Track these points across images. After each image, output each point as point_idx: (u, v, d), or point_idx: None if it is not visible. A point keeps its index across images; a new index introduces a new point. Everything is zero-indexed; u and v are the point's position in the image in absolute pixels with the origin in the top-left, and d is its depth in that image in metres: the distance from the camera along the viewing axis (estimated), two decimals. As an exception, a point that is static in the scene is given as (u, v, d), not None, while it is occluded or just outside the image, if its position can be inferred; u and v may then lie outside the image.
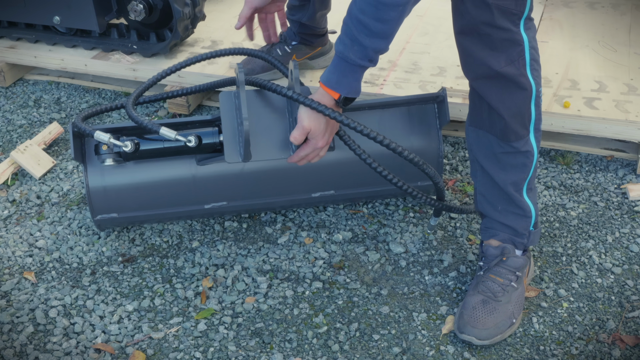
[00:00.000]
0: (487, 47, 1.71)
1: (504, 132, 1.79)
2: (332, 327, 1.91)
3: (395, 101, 2.12)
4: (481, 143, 1.86)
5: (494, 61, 1.72)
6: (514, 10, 1.68)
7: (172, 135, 1.84)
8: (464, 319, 1.82)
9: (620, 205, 2.25)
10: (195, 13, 2.76)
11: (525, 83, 1.75)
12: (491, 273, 1.87)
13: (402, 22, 1.62)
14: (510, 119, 1.78)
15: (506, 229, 1.90)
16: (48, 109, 2.87)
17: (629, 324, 1.88)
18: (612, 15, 2.98)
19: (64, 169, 2.53)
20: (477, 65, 1.75)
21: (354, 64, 1.66)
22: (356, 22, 1.61)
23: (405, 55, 2.74)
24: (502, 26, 1.68)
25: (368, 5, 1.58)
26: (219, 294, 2.02)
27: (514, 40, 1.71)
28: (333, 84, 1.70)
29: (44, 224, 2.29)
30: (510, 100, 1.77)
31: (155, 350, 1.87)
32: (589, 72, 2.58)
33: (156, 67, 2.76)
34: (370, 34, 1.61)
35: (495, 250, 1.90)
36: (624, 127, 2.32)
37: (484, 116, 1.82)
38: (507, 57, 1.71)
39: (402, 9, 1.58)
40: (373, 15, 1.59)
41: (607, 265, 2.04)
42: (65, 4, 2.77)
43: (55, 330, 1.93)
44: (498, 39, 1.70)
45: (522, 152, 1.82)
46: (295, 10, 2.51)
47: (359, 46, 1.63)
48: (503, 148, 1.82)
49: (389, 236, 2.17)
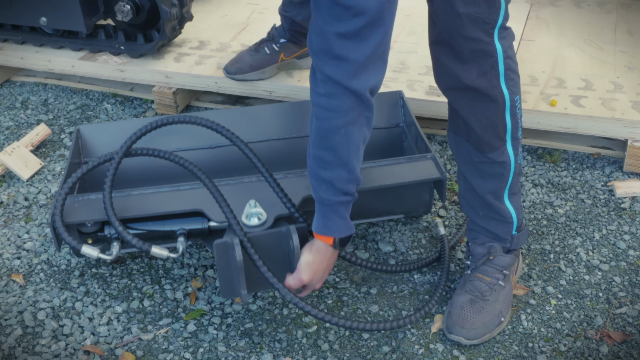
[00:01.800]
0: (457, 58, 1.67)
1: (478, 143, 1.77)
2: (321, 326, 1.91)
3: (395, 184, 2.03)
4: (460, 149, 1.84)
5: (465, 74, 1.68)
6: (486, 19, 1.62)
7: (165, 254, 1.82)
8: (452, 319, 1.82)
9: (607, 203, 2.26)
10: (183, 13, 2.75)
11: (497, 95, 1.70)
12: (478, 272, 1.88)
13: (354, 146, 1.59)
14: (482, 131, 1.75)
15: (488, 234, 1.90)
16: (35, 111, 2.86)
17: (616, 321, 1.89)
18: (598, 13, 3.00)
19: (51, 170, 2.52)
20: (448, 77, 1.72)
21: (332, 203, 1.64)
22: (313, 158, 1.62)
23: (392, 54, 2.74)
24: (473, 37, 1.63)
25: (315, 137, 1.58)
26: (208, 294, 2.02)
27: (486, 51, 1.66)
28: (322, 229, 1.69)
29: (32, 226, 2.28)
30: (482, 113, 1.73)
31: (144, 351, 1.87)
32: (575, 71, 2.60)
33: (144, 67, 2.75)
34: (329, 166, 1.60)
35: (482, 249, 1.90)
36: (611, 124, 2.34)
37: (460, 124, 1.80)
38: (479, 69, 1.67)
39: (344, 132, 1.55)
40: (321, 144, 1.58)
41: (595, 262, 2.05)
42: (52, 5, 2.76)
43: (44, 333, 1.92)
44: (469, 50, 1.65)
45: (498, 163, 1.79)
46: (290, 7, 2.48)
47: (325, 184, 1.62)
48: (479, 158, 1.80)
49: (378, 235, 2.18)
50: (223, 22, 3.05)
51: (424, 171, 2.02)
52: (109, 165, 1.87)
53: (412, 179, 2.00)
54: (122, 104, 2.87)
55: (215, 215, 1.88)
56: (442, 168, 2.01)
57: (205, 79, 2.68)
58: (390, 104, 2.32)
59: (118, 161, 1.86)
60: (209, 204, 1.87)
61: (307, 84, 2.59)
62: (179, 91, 2.73)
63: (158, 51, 2.80)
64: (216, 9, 3.18)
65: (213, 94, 2.82)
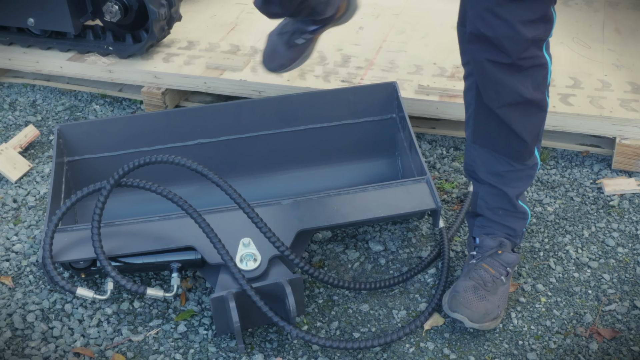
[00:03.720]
0: (518, 75, 1.72)
1: (521, 153, 1.83)
2: (312, 326, 1.91)
3: (386, 217, 2.02)
4: (488, 161, 1.88)
5: (524, 88, 1.73)
6: (543, 37, 1.69)
7: (160, 295, 1.87)
8: (457, 299, 1.82)
9: (596, 200, 2.27)
10: (172, 14, 2.74)
11: (545, 104, 1.79)
12: (484, 262, 1.89)
13: None
14: (531, 141, 1.82)
15: (505, 229, 1.93)
16: (24, 112, 2.84)
17: (605, 318, 1.90)
18: (586, 12, 3.01)
19: (40, 172, 2.51)
20: (507, 93, 1.75)
21: None
22: None
23: (382, 53, 2.75)
24: (532, 54, 1.70)
25: None
26: (198, 295, 2.01)
27: (540, 64, 1.73)
28: None
29: (21, 227, 2.27)
30: (532, 124, 1.80)
31: (135, 352, 1.86)
32: (563, 69, 2.61)
33: (132, 68, 2.74)
34: None
35: (493, 242, 1.91)
36: (599, 122, 2.35)
37: (496, 139, 1.83)
38: (533, 82, 1.73)
39: None
40: None
41: (584, 259, 2.06)
42: (40, 6, 2.75)
43: (34, 335, 1.91)
44: (528, 65, 1.71)
45: (531, 167, 1.88)
46: None
47: None
48: (516, 166, 1.85)
49: (368, 234, 2.18)
50: (212, 22, 3.04)
51: (418, 199, 2.00)
52: (96, 201, 1.87)
53: (405, 210, 1.99)
54: (111, 104, 2.86)
55: (209, 254, 1.88)
56: (436, 195, 2.00)
57: (195, 79, 2.67)
58: (384, 95, 2.30)
59: (103, 200, 1.86)
60: (201, 239, 1.87)
61: (296, 83, 2.59)
62: (168, 91, 2.72)
63: (147, 51, 2.79)
64: (205, 9, 3.17)
65: (202, 94, 2.82)
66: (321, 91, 2.33)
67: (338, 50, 2.78)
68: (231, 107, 2.28)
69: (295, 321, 1.78)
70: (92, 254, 1.87)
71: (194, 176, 1.91)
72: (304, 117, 2.28)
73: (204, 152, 2.26)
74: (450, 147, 2.53)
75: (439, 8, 3.06)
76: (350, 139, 2.32)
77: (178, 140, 2.25)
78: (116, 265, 1.92)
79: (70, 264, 1.93)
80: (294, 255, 1.84)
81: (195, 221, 1.84)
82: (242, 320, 1.79)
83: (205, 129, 2.26)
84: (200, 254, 1.90)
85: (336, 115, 2.30)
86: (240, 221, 1.89)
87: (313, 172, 2.31)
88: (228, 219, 1.93)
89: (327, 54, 2.76)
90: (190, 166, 1.85)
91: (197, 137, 2.26)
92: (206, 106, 2.29)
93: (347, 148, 2.32)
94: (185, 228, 1.92)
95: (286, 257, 1.85)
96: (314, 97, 2.30)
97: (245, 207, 1.83)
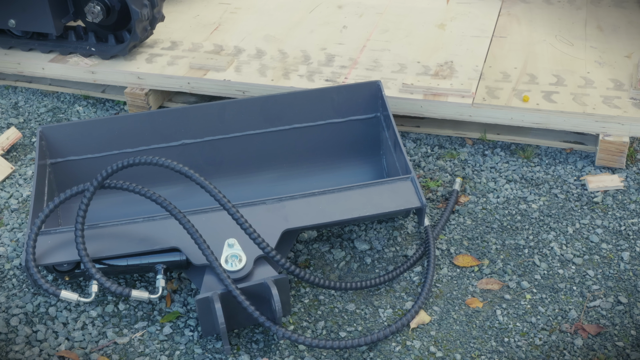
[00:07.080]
0: None
1: None
2: (298, 326, 1.90)
3: (371, 216, 2.02)
4: None
5: None
6: None
7: (145, 296, 1.88)
8: None
9: (579, 197, 2.28)
10: (154, 14, 2.73)
11: None
12: None
13: None
14: None
15: None
16: (5, 114, 2.82)
17: (590, 313, 1.91)
18: (568, 10, 3.02)
19: (22, 174, 2.49)
20: None
21: None
22: None
23: (365, 52, 2.75)
24: None
25: None
26: (183, 296, 2.00)
27: None
28: None
29: (4, 230, 2.25)
30: None
31: (120, 355, 1.85)
32: (546, 66, 2.62)
33: (115, 69, 2.73)
34: None
35: None
36: (582, 119, 2.36)
37: None
38: None
39: None
40: None
41: (568, 256, 2.07)
42: (21, 7, 2.72)
43: (17, 339, 1.89)
44: None
45: None
46: None
47: None
48: None
49: (354, 234, 2.18)
50: (195, 22, 3.03)
51: (403, 198, 2.00)
52: (79, 203, 1.86)
53: (390, 208, 1.99)
54: (94, 106, 2.84)
55: (194, 256, 1.87)
56: (421, 193, 2.00)
57: (178, 79, 2.66)
58: (369, 94, 2.30)
59: (87, 202, 1.85)
60: (186, 241, 1.87)
61: (280, 83, 2.59)
62: (152, 92, 2.71)
63: (129, 52, 2.77)
64: (188, 9, 3.16)
65: (186, 94, 2.81)
66: (305, 91, 2.32)
67: (322, 50, 2.78)
68: (215, 107, 2.27)
69: (281, 321, 1.78)
70: (76, 256, 1.86)
71: (178, 177, 1.91)
72: (288, 116, 2.28)
73: (188, 153, 2.25)
74: (434, 146, 2.53)
75: (423, 7, 3.06)
76: (334, 138, 2.32)
77: (162, 141, 2.25)
78: (100, 268, 1.91)
79: (54, 267, 1.92)
80: (279, 255, 1.84)
81: (179, 222, 1.83)
82: (228, 321, 1.79)
83: (189, 130, 2.25)
84: (185, 255, 1.89)
85: (320, 114, 2.30)
86: (225, 222, 1.89)
87: (298, 172, 2.31)
88: (213, 219, 1.92)
89: (311, 53, 2.75)
90: (174, 167, 1.85)
91: (181, 138, 2.25)
92: (190, 107, 2.28)
93: (332, 147, 2.32)
94: (169, 229, 1.91)
95: (271, 258, 1.84)
96: (298, 97, 2.30)
97: (229, 208, 1.83)
